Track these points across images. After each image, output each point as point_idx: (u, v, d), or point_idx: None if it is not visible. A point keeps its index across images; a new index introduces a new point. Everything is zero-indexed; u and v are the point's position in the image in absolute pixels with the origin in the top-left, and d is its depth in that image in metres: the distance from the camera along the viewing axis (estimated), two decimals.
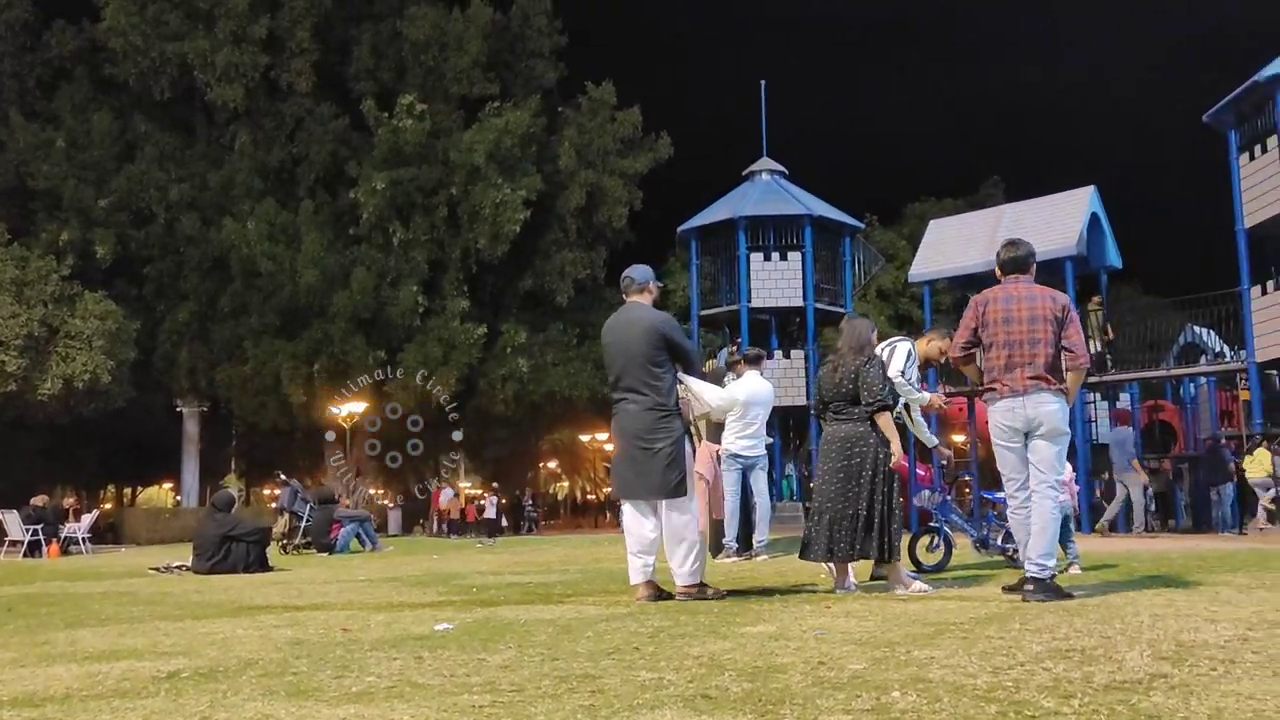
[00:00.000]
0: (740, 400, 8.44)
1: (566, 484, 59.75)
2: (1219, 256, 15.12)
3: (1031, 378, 4.92)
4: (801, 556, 5.73)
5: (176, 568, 10.05)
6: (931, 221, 19.66)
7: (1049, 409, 4.92)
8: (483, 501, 30.20)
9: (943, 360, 6.49)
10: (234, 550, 9.68)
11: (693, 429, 5.68)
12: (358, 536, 14.58)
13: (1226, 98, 14.15)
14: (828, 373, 5.68)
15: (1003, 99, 74.30)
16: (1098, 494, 16.77)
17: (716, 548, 8.70)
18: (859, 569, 5.97)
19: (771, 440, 10.06)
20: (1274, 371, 14.53)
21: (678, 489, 5.13)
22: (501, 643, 3.78)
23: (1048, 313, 4.97)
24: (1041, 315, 4.97)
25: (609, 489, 5.51)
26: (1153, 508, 14.72)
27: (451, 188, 27.54)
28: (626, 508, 5.35)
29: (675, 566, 5.27)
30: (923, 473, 16.74)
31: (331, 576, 8.59)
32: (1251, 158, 13.97)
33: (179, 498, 35.76)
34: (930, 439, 6.87)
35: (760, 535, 8.73)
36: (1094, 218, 16.75)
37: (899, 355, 6.13)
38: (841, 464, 5.47)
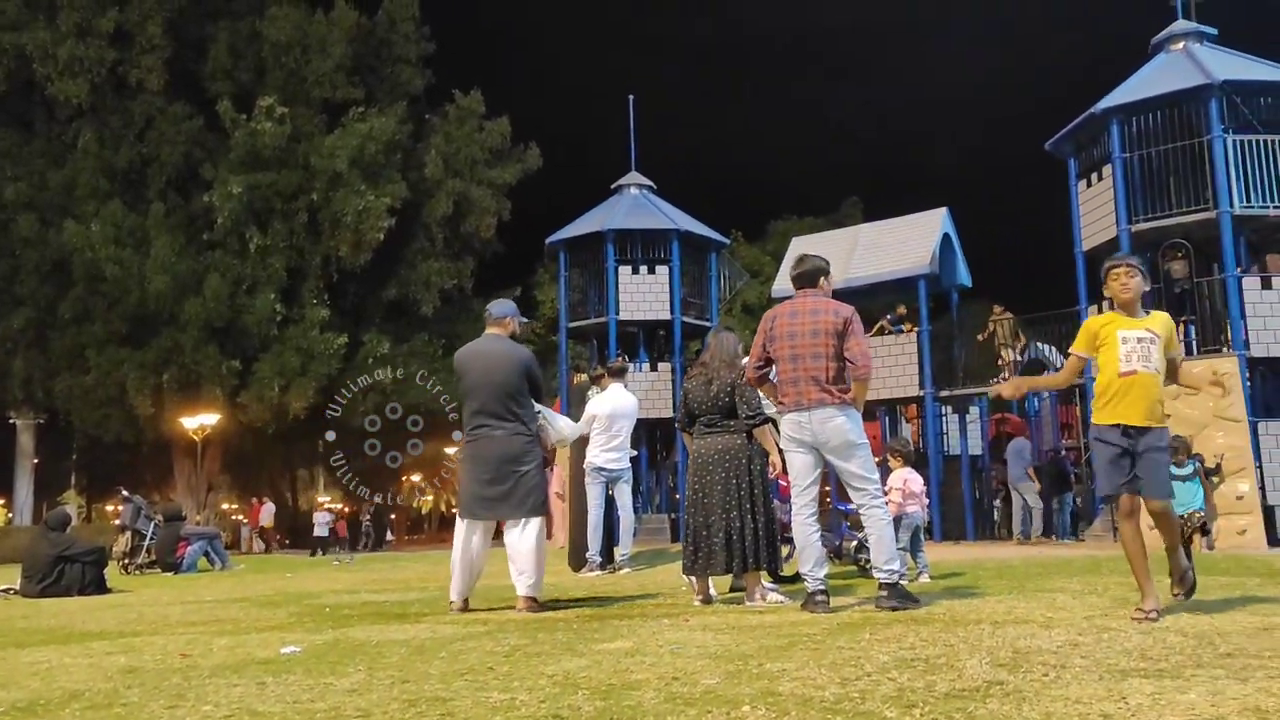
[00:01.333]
0: (604, 414, 8.47)
1: (431, 498, 58.69)
2: (1060, 277, 15.94)
3: (817, 391, 5.05)
4: (686, 572, 5.74)
5: (3, 591, 9.41)
6: (794, 239, 20.11)
7: (835, 424, 5.05)
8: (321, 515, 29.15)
9: None
10: (68, 572, 9.12)
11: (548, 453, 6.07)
12: (206, 554, 13.97)
13: (1066, 127, 14.95)
14: (699, 386, 5.72)
15: (864, 121, 77.04)
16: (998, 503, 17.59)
17: (579, 561, 8.67)
18: (719, 581, 6.03)
19: (636, 453, 10.10)
20: None
21: (540, 508, 5.59)
22: (351, 665, 3.66)
23: (830, 326, 5.09)
24: (824, 329, 5.09)
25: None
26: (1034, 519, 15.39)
27: (312, 193, 26.78)
28: (467, 526, 5.63)
29: (523, 578, 5.51)
30: (784, 484, 17.11)
31: (175, 598, 8.18)
32: (1089, 185, 14.78)
33: (10, 515, 33.62)
34: None
35: (623, 548, 8.74)
36: (946, 238, 17.43)
37: None
38: (720, 476, 5.53)
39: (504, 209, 30.49)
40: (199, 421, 26.60)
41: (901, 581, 5.07)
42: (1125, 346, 4.44)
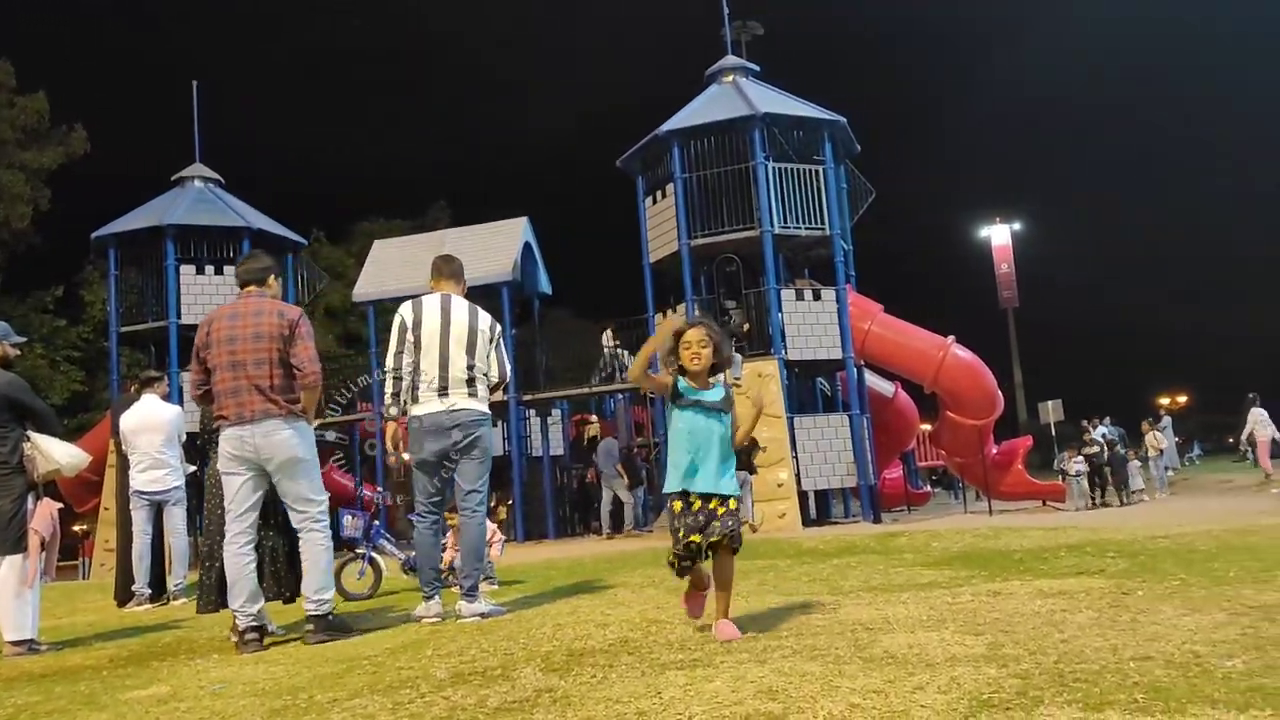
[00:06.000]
0: (129, 430, 7.74)
1: None
2: (633, 285, 16.92)
3: (262, 401, 4.62)
4: (199, 611, 5.38)
5: None
6: (376, 242, 19.67)
7: (280, 437, 4.63)
8: None
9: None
10: None
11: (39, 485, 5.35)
12: None
13: (635, 146, 15.96)
14: (207, 408, 5.35)
15: (453, 127, 77.36)
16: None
17: (126, 595, 7.78)
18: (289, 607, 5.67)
19: (195, 468, 9.25)
20: None
21: (18, 544, 5.18)
22: None
23: (274, 330, 4.66)
24: (268, 333, 4.65)
25: None
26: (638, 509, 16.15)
27: None
28: None
29: (5, 620, 5.15)
30: (369, 494, 16.58)
31: None
32: (655, 201, 15.90)
33: None
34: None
35: (177, 578, 7.96)
36: (527, 246, 17.93)
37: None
38: (216, 503, 5.22)
39: (42, 197, 26.95)
40: None
41: (330, 612, 4.70)
42: None
